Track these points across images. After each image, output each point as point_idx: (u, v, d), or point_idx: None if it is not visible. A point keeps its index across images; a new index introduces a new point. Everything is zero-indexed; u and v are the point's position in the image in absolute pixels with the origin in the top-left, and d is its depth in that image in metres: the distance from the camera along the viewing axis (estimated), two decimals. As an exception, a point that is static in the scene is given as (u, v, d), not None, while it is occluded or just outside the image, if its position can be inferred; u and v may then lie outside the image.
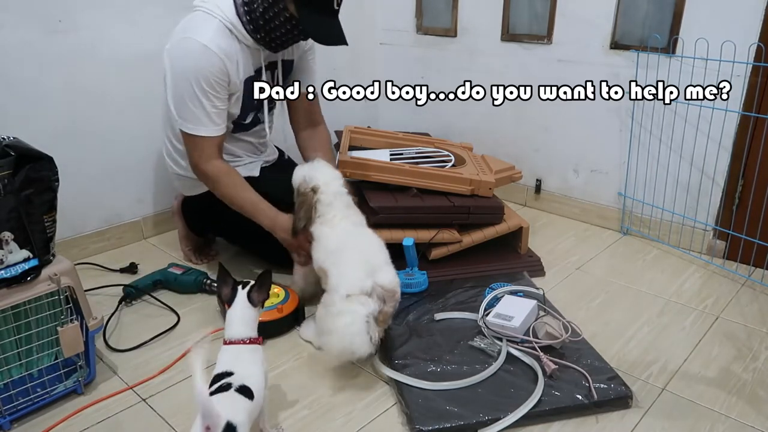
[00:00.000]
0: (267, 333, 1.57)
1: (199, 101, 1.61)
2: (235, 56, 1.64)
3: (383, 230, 1.85)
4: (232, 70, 1.64)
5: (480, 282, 1.81)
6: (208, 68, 1.58)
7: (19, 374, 1.31)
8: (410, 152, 2.18)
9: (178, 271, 1.86)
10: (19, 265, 1.24)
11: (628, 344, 1.59)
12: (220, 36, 1.60)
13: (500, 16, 2.36)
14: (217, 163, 1.69)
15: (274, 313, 1.61)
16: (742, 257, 1.99)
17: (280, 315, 1.61)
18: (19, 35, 1.77)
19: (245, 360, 1.17)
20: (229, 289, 1.25)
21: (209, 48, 1.57)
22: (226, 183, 1.70)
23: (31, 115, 1.85)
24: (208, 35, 1.58)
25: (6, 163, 1.20)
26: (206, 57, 1.58)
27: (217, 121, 1.66)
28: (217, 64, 1.59)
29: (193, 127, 1.64)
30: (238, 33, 1.63)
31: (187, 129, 1.65)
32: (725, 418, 1.34)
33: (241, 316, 1.22)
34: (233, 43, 1.63)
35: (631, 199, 2.22)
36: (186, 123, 1.64)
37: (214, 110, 1.63)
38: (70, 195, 1.88)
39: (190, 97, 1.60)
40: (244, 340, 1.19)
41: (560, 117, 2.32)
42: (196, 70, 1.58)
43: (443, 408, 1.30)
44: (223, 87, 1.63)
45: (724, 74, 1.88)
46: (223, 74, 1.61)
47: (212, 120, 1.64)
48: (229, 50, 1.62)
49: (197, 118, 1.63)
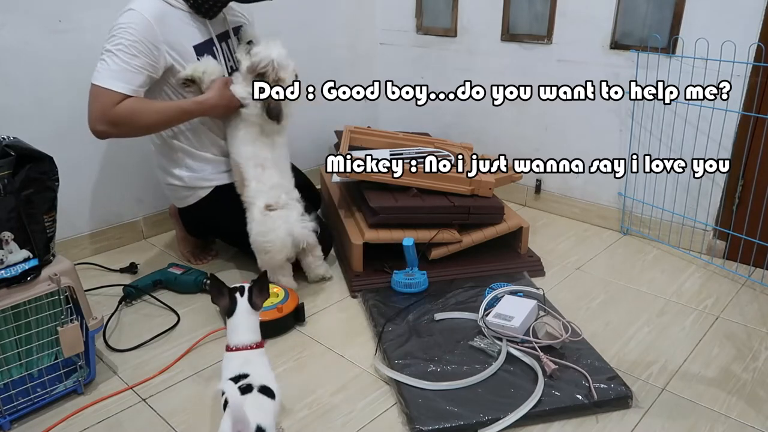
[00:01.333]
0: (268, 333, 1.57)
1: (112, 54, 1.59)
2: (173, 21, 1.67)
3: (383, 230, 1.85)
4: (169, 34, 1.65)
5: (480, 282, 1.81)
6: (131, 25, 1.58)
7: (19, 374, 1.31)
8: (410, 152, 2.18)
9: (178, 271, 1.86)
10: (19, 265, 1.24)
11: (628, 344, 1.59)
12: (155, 4, 1.64)
13: (500, 16, 2.36)
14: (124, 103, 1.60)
15: (274, 312, 1.61)
16: (742, 257, 1.99)
17: (280, 314, 1.61)
18: (19, 35, 1.78)
19: (256, 363, 1.18)
20: (227, 299, 1.25)
21: (136, 10, 1.60)
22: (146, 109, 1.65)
23: (31, 115, 1.85)
24: (144, 3, 1.62)
25: (6, 163, 1.20)
26: (130, 16, 1.60)
27: (131, 80, 1.60)
28: (142, 23, 1.59)
29: (103, 81, 1.58)
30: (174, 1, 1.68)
31: (95, 80, 1.60)
32: (725, 418, 1.34)
33: (246, 323, 1.23)
34: (170, 9, 1.67)
35: (631, 199, 2.22)
36: (97, 74, 1.60)
37: (125, 66, 1.59)
38: (70, 195, 1.88)
39: (105, 51, 1.60)
40: (251, 346, 1.21)
41: (560, 117, 2.32)
42: (120, 28, 1.59)
43: (443, 408, 1.30)
44: (145, 47, 1.60)
45: (724, 74, 1.88)
46: (147, 33, 1.60)
47: (124, 77, 1.59)
48: (163, 12, 1.65)
49: (108, 73, 1.59)
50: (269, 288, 1.29)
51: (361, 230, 1.87)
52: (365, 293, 1.78)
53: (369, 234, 1.83)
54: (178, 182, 1.85)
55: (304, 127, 2.56)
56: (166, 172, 1.86)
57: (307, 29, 2.52)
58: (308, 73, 2.22)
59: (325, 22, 2.58)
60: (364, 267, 1.86)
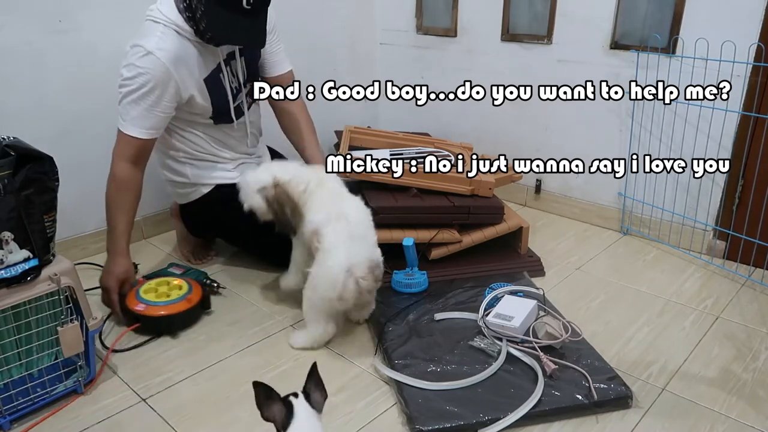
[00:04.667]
0: (179, 325, 1.62)
1: (132, 101, 1.62)
2: (187, 57, 1.65)
3: (383, 230, 1.85)
4: (184, 73, 1.65)
5: (480, 282, 1.81)
6: (150, 72, 1.59)
7: (19, 374, 1.31)
8: (410, 152, 2.18)
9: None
10: (19, 265, 1.24)
11: (628, 344, 1.59)
12: (166, 39, 1.61)
13: (500, 16, 2.36)
14: (125, 167, 1.67)
15: (183, 304, 1.63)
16: (742, 257, 1.98)
17: (189, 305, 1.63)
18: (19, 35, 1.77)
19: None
20: (280, 405, 1.01)
21: (153, 54, 1.59)
22: (115, 191, 1.69)
23: (31, 115, 1.85)
24: (153, 41, 1.60)
25: (6, 163, 1.20)
26: (149, 61, 1.59)
27: (143, 124, 1.64)
28: (159, 68, 1.60)
29: (121, 123, 1.65)
30: (185, 32, 1.64)
31: (118, 124, 1.66)
32: (725, 418, 1.34)
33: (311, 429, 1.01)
34: (184, 43, 1.64)
35: (631, 199, 2.22)
36: (118, 118, 1.66)
37: (144, 113, 1.63)
38: (70, 195, 1.87)
39: (125, 95, 1.62)
40: None
41: (560, 117, 2.32)
42: (137, 73, 1.59)
43: (443, 408, 1.30)
44: (164, 91, 1.63)
45: (724, 74, 1.88)
46: (164, 78, 1.61)
47: (136, 123, 1.64)
48: (179, 52, 1.63)
49: (124, 116, 1.64)
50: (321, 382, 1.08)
51: (361, 230, 1.87)
52: (365, 293, 1.78)
53: (369, 234, 1.83)
54: (181, 179, 1.86)
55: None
56: (170, 170, 1.88)
57: (307, 29, 2.52)
58: (308, 73, 2.22)
59: (325, 22, 2.58)
60: (364, 267, 1.86)
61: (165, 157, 1.87)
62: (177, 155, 1.84)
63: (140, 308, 1.60)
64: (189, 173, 1.85)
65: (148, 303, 1.62)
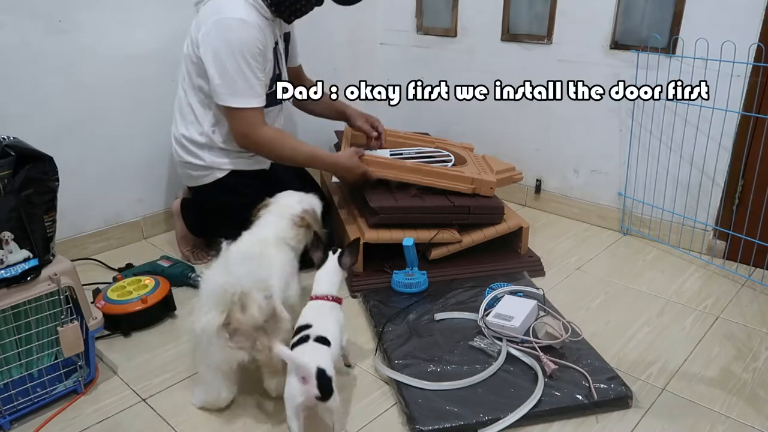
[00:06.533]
0: (132, 325, 1.63)
1: (244, 74, 1.68)
2: (263, 27, 1.73)
3: (383, 230, 1.85)
4: (266, 39, 1.73)
5: (480, 282, 1.81)
6: (250, 40, 1.67)
7: (19, 374, 1.31)
8: (410, 152, 2.18)
9: (165, 263, 1.89)
10: (19, 265, 1.24)
11: (628, 344, 1.59)
12: (248, 10, 1.69)
13: (500, 16, 2.36)
14: (267, 129, 1.77)
15: (137, 304, 1.62)
16: (742, 257, 1.99)
17: (144, 306, 1.63)
18: (19, 35, 1.77)
19: (324, 314, 1.31)
20: (321, 253, 1.42)
21: (246, 21, 1.66)
22: (282, 144, 1.79)
23: (31, 115, 1.85)
24: (240, 10, 1.67)
25: (6, 163, 1.20)
26: (246, 29, 1.67)
27: (261, 92, 1.74)
28: (257, 34, 1.68)
29: (242, 101, 1.71)
30: (259, 7, 1.72)
31: (235, 104, 1.71)
32: (725, 418, 1.34)
33: (329, 276, 1.38)
34: (259, 15, 1.72)
35: (631, 199, 2.22)
36: (234, 98, 1.71)
37: (257, 82, 1.71)
38: (70, 195, 1.88)
39: (236, 71, 1.67)
40: (327, 297, 1.34)
41: (560, 117, 2.32)
42: (240, 43, 1.66)
43: (443, 408, 1.30)
44: (263, 57, 1.72)
45: (724, 74, 1.88)
46: (261, 44, 1.70)
47: (257, 92, 1.72)
48: (259, 22, 1.71)
49: (245, 91, 1.70)
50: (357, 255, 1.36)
51: (361, 230, 1.87)
52: (365, 293, 1.78)
53: (369, 234, 1.83)
54: (197, 161, 1.87)
55: (305, 128, 2.57)
56: (187, 151, 1.87)
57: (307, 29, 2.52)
58: (308, 73, 2.22)
59: (325, 22, 2.58)
60: (365, 267, 1.86)
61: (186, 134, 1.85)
62: (200, 139, 1.84)
63: (99, 305, 1.62)
64: (206, 157, 1.86)
65: (107, 301, 1.63)
